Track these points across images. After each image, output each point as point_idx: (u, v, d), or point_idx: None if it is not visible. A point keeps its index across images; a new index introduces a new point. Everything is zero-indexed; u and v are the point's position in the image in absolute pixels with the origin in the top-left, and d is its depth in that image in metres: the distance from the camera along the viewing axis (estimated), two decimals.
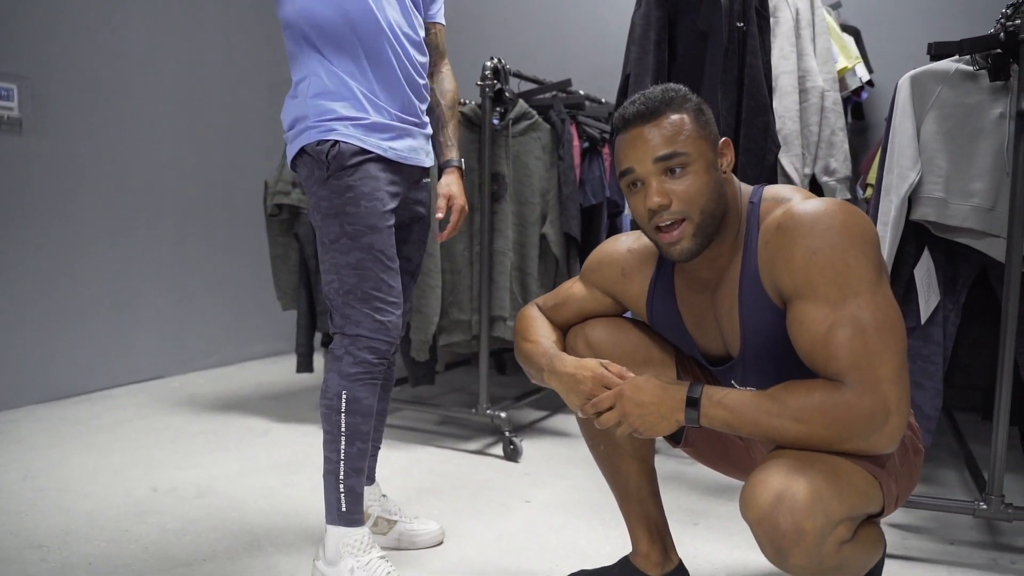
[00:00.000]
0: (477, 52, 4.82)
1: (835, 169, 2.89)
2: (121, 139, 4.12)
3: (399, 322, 1.98)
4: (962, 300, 2.41)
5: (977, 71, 2.23)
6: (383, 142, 1.94)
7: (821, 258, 1.39)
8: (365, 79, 1.93)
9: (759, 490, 1.35)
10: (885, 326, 1.37)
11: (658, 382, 1.49)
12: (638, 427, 1.49)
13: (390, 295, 1.94)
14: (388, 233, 1.94)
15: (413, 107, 2.04)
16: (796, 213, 1.44)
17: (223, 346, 4.81)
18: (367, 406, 1.94)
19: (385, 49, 1.93)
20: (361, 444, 1.94)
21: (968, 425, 3.44)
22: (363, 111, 1.92)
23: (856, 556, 1.41)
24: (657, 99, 1.50)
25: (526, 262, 3.28)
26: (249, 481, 2.74)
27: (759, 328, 1.53)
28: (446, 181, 2.19)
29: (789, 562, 1.34)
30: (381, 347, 1.94)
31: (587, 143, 3.50)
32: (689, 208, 1.48)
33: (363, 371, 1.93)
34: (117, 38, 4.07)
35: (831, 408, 1.35)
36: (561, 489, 2.73)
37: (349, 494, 1.94)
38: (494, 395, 3.66)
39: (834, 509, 1.33)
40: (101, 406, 3.75)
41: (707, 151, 1.50)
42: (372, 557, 1.93)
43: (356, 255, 1.90)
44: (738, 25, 2.54)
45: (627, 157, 1.52)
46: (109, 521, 2.37)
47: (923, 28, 3.88)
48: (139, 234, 4.24)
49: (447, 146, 2.22)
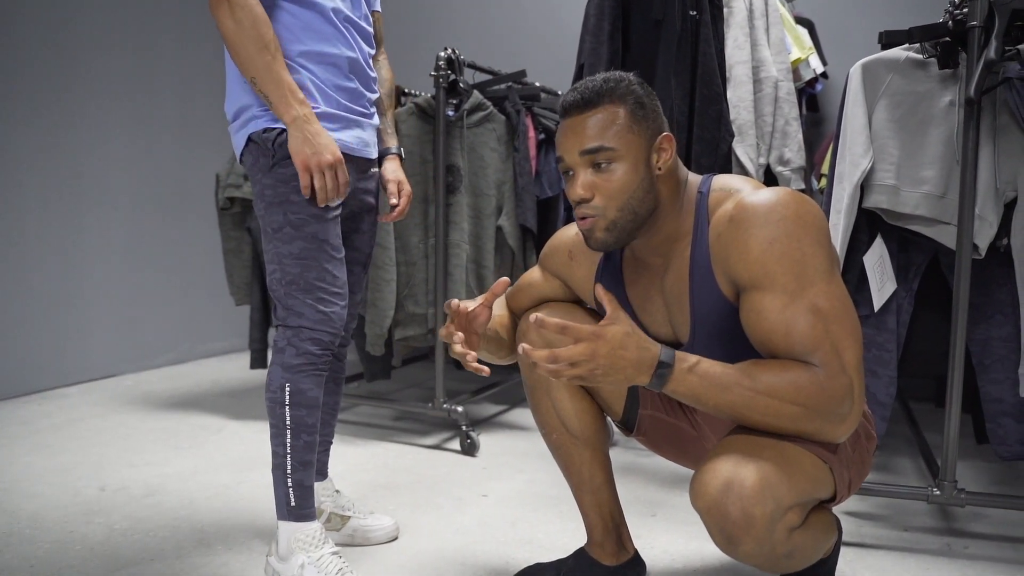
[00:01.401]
0: (431, 43, 4.80)
1: (789, 159, 2.90)
2: (70, 131, 4.03)
3: (344, 313, 1.94)
4: (915, 288, 2.43)
5: (927, 59, 2.24)
6: (332, 133, 1.90)
7: (778, 248, 1.38)
8: (316, 68, 1.89)
9: (708, 478, 1.35)
10: (843, 315, 1.37)
11: (637, 337, 1.37)
12: (597, 377, 1.36)
13: (334, 285, 1.91)
14: (333, 223, 1.91)
15: (363, 98, 2.00)
16: (748, 204, 1.43)
17: (178, 343, 4.74)
18: (312, 398, 1.90)
19: (335, 38, 1.90)
20: (307, 437, 1.90)
21: (922, 413, 3.48)
22: (312, 99, 1.88)
23: (807, 542, 1.41)
24: (595, 89, 1.49)
25: (482, 254, 3.26)
26: (201, 479, 2.69)
27: (710, 318, 1.52)
28: (392, 167, 2.17)
29: (740, 550, 1.33)
30: (324, 338, 1.90)
31: (543, 134, 3.47)
32: (605, 206, 1.47)
33: (306, 362, 1.89)
34: (66, 29, 3.98)
35: (804, 385, 1.34)
36: (518, 483, 2.71)
37: (297, 488, 1.91)
38: (451, 389, 3.65)
39: (783, 495, 1.32)
40: (52, 405, 3.67)
41: (637, 147, 1.48)
42: (324, 553, 1.90)
43: (299, 244, 1.86)
44: (691, 14, 2.53)
45: (560, 145, 1.52)
46: (54, 522, 2.31)
47: (876, 21, 3.91)
48: (90, 229, 4.16)
49: (387, 133, 2.20)
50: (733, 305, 1.48)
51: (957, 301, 2.13)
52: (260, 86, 1.80)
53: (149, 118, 4.45)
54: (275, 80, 1.78)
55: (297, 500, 1.91)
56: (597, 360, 1.34)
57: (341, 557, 1.92)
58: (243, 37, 1.76)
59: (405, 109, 3.16)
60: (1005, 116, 2.15)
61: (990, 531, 2.32)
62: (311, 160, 1.79)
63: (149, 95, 4.45)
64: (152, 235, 4.53)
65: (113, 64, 4.25)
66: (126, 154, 4.34)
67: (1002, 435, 2.35)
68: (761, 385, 1.35)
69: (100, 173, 4.21)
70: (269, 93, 1.79)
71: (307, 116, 1.80)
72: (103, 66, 4.19)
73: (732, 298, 1.48)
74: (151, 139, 4.47)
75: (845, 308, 1.38)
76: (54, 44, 3.94)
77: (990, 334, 2.35)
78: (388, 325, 3.16)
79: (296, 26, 1.86)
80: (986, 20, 2.05)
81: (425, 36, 4.91)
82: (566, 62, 3.44)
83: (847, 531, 2.27)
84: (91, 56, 4.12)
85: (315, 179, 1.81)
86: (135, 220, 4.42)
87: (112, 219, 4.29)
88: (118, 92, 4.28)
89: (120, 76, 4.28)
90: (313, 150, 1.79)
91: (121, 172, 4.32)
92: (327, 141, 1.81)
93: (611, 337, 1.35)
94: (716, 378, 1.37)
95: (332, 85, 1.91)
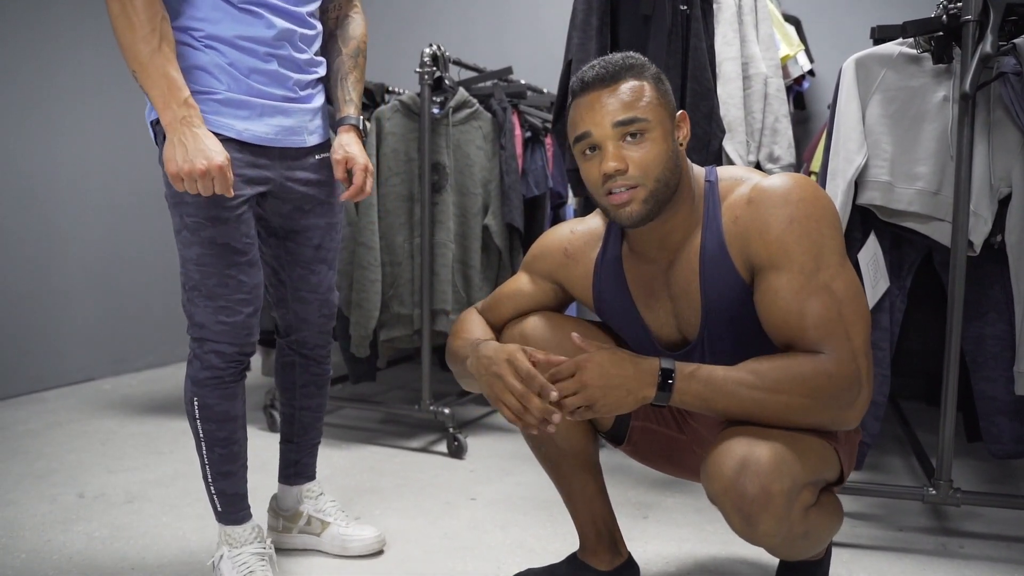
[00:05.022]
0: (416, 39, 4.75)
1: (779, 156, 2.87)
2: (46, 133, 3.96)
3: (251, 322, 1.82)
4: (908, 285, 2.41)
5: (920, 54, 2.22)
6: (238, 122, 1.75)
7: (798, 227, 1.39)
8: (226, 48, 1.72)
9: (722, 459, 1.33)
10: (856, 298, 1.39)
11: (626, 353, 1.41)
12: (598, 404, 1.39)
13: (239, 292, 1.78)
14: (237, 223, 1.76)
15: (287, 80, 1.82)
16: (767, 186, 1.45)
17: (157, 346, 4.66)
18: (220, 412, 1.82)
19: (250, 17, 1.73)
20: (222, 449, 1.85)
21: (912, 412, 3.46)
22: (218, 82, 1.73)
23: (821, 523, 1.41)
24: (618, 64, 1.47)
25: (468, 254, 3.21)
26: (183, 485, 2.63)
27: (723, 305, 1.50)
28: (342, 142, 1.91)
29: (759, 530, 1.32)
30: (228, 351, 1.80)
31: (529, 132, 3.43)
32: (644, 175, 1.44)
33: (211, 376, 1.80)
34: (41, 27, 3.90)
35: (811, 377, 1.34)
36: (507, 485, 2.66)
37: (220, 496, 1.89)
38: (437, 391, 3.60)
39: (798, 472, 1.32)
40: (28, 410, 3.60)
41: (666, 120, 1.47)
42: (245, 551, 1.88)
43: (196, 250, 1.75)
44: (681, 8, 2.50)
45: (584, 121, 1.47)
46: (31, 531, 2.25)
47: (863, 19, 3.89)
48: (66, 230, 4.09)
49: (344, 101, 1.96)
50: (748, 287, 1.47)
51: (952, 298, 2.11)
52: (140, 80, 1.63)
53: (126, 118, 4.36)
54: (155, 75, 1.60)
55: (223, 507, 1.90)
56: (589, 389, 1.38)
57: (264, 560, 1.89)
58: (127, 22, 1.59)
59: (389, 107, 3.12)
60: (999, 111, 2.13)
61: (985, 530, 2.30)
62: (181, 168, 1.61)
63: (127, 94, 4.36)
64: (130, 236, 4.45)
65: (89, 62, 4.17)
66: (102, 154, 4.27)
67: (996, 433, 2.33)
68: (768, 382, 1.35)
69: (76, 174, 4.13)
70: (148, 90, 1.62)
71: (186, 118, 1.62)
72: (79, 65, 4.12)
73: (748, 280, 1.47)
74: (128, 139, 4.38)
75: (856, 292, 1.40)
76: (29, 42, 3.86)
77: (984, 332, 2.33)
78: (373, 326, 3.11)
79: (206, 4, 1.71)
80: (980, 14, 2.03)
81: (410, 32, 4.87)
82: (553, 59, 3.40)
83: (841, 532, 2.24)
84: (67, 54, 4.05)
85: (187, 187, 1.63)
86: (112, 221, 4.35)
87: (89, 220, 4.21)
88: (95, 91, 4.20)
89: (97, 75, 4.20)
90: (184, 157, 1.60)
91: (97, 173, 4.25)
92: (203, 146, 1.61)
93: (597, 361, 1.39)
94: (720, 381, 1.37)
95: (245, 68, 1.75)
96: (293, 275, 2.00)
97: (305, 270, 2.00)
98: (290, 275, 2.00)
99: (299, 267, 1.99)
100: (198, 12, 1.71)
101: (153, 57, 1.61)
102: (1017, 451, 2.31)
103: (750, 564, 2.07)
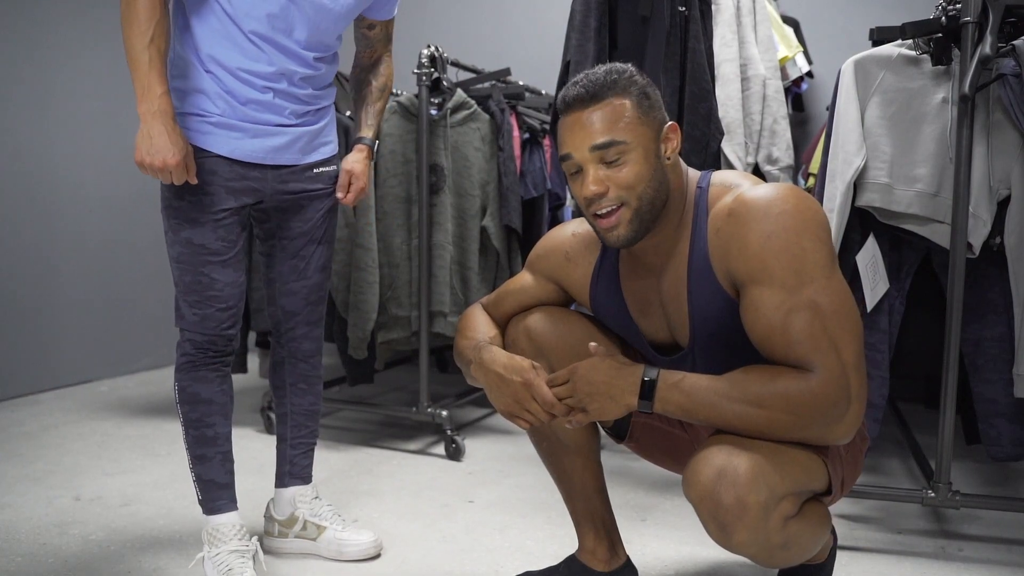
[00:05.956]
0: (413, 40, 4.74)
1: (778, 158, 2.86)
2: (45, 134, 3.94)
3: (222, 316, 1.95)
4: (907, 287, 2.40)
5: (919, 56, 2.21)
6: (229, 142, 1.86)
7: (776, 242, 1.36)
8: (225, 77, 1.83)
9: (700, 467, 1.33)
10: (842, 311, 1.35)
11: (613, 361, 1.43)
12: (588, 409, 1.44)
13: (211, 289, 1.91)
14: (215, 227, 1.88)
15: (284, 110, 1.91)
16: (748, 199, 1.41)
17: (154, 348, 4.64)
18: (191, 394, 1.95)
19: (254, 54, 1.84)
20: (195, 431, 1.96)
21: (910, 414, 3.46)
22: (214, 106, 1.84)
23: (803, 534, 1.39)
24: (599, 82, 1.45)
25: (466, 256, 3.20)
26: (179, 487, 2.62)
27: (709, 316, 1.49)
28: (352, 158, 2.10)
29: (734, 539, 1.31)
30: (198, 339, 1.94)
31: (527, 134, 3.43)
32: (627, 195, 1.44)
33: (186, 361, 1.96)
34: (41, 32, 3.89)
35: (795, 394, 1.31)
36: (505, 488, 2.66)
37: (199, 481, 1.97)
38: (435, 393, 3.59)
39: (777, 483, 1.30)
40: (25, 412, 3.59)
41: (647, 138, 1.46)
42: (223, 550, 1.91)
43: (177, 249, 1.90)
44: (680, 10, 2.49)
45: (565, 143, 1.48)
46: (27, 534, 2.24)
47: (862, 20, 3.89)
48: (63, 231, 4.07)
49: (365, 124, 2.16)
50: (734, 301, 1.45)
51: (951, 301, 2.11)
52: (130, 70, 1.75)
53: (126, 119, 4.33)
54: (140, 68, 1.72)
55: (202, 494, 1.97)
56: (578, 393, 1.43)
57: (243, 556, 1.92)
58: (128, 16, 1.72)
59: (387, 107, 3.11)
60: (999, 113, 2.13)
61: (984, 533, 2.30)
62: (143, 159, 1.74)
63: (127, 95, 4.35)
64: (126, 240, 4.43)
65: (89, 62, 4.16)
66: (100, 156, 4.25)
67: (995, 436, 2.32)
68: (750, 396, 1.33)
69: (74, 175, 4.12)
70: (133, 81, 1.73)
71: (158, 113, 1.73)
72: (76, 64, 4.10)
73: (733, 294, 1.45)
74: (127, 140, 4.34)
75: (845, 304, 1.36)
76: (26, 40, 3.85)
77: (983, 334, 2.33)
78: (371, 328, 3.10)
79: (219, 32, 1.82)
80: (979, 16, 2.03)
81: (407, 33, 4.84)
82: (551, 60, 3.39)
83: (840, 534, 2.24)
84: (64, 53, 4.04)
85: (151, 175, 1.77)
86: (109, 222, 4.33)
87: (86, 221, 4.20)
88: (95, 91, 4.19)
89: (97, 75, 4.19)
90: (148, 150, 1.73)
91: (95, 174, 4.23)
92: (169, 143, 1.73)
93: (586, 367, 1.43)
94: (703, 393, 1.37)
95: (243, 97, 1.85)
96: (284, 269, 2.08)
97: (295, 258, 2.07)
98: (280, 270, 2.09)
99: (289, 258, 2.07)
100: (208, 35, 1.82)
101: (143, 51, 1.72)
102: (1016, 453, 2.31)
103: (749, 567, 2.06)
